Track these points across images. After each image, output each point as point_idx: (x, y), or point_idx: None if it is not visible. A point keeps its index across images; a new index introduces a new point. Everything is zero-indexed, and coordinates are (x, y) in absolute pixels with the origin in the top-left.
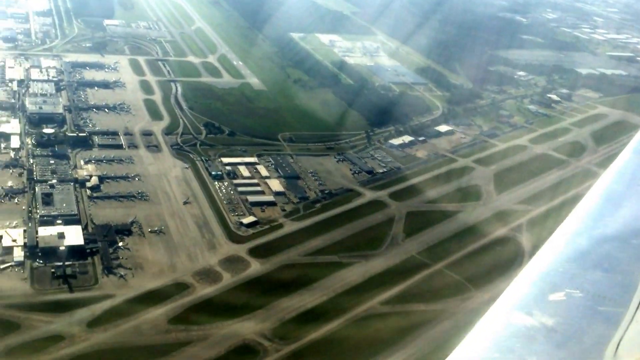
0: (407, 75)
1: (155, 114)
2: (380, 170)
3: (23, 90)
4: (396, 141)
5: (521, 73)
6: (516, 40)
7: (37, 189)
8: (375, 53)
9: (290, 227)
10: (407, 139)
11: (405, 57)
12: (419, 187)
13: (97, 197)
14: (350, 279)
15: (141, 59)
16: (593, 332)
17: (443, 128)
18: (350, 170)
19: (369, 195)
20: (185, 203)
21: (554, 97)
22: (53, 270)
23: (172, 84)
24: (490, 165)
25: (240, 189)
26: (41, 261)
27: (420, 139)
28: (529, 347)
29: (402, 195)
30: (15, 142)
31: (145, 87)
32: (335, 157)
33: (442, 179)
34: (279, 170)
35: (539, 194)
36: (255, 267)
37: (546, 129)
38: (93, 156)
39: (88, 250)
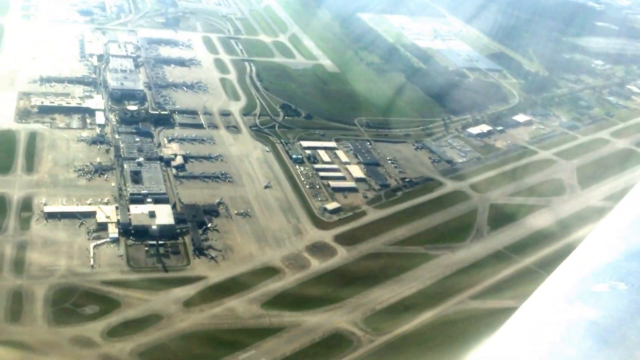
0: (480, 60)
1: (232, 94)
2: (460, 160)
3: (103, 66)
4: (474, 130)
5: (598, 62)
6: (589, 26)
7: (125, 167)
8: (446, 36)
9: (373, 215)
10: (485, 128)
11: (475, 40)
12: (500, 179)
13: (182, 177)
14: (438, 270)
15: (214, 37)
16: (638, 327)
17: (521, 118)
18: (430, 158)
19: (450, 185)
20: (266, 187)
21: (634, 88)
22: (147, 248)
23: (246, 64)
24: (572, 159)
25: (321, 173)
26: (134, 239)
27: (499, 128)
28: (568, 339)
29: (484, 186)
30: (100, 118)
31: (220, 66)
32: (413, 145)
33: (524, 171)
34: (359, 156)
35: (625, 192)
36: (342, 254)
37: (628, 122)
38: (175, 135)
39: (178, 230)
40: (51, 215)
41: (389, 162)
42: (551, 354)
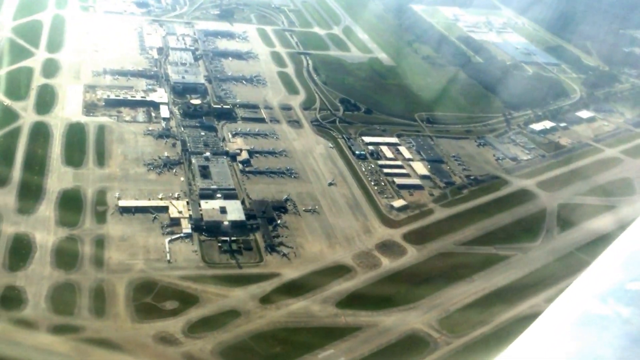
0: (538, 54)
1: (290, 88)
2: (525, 157)
3: (163, 59)
4: (537, 126)
5: None
6: None
7: (193, 161)
8: (502, 29)
9: (440, 213)
10: (548, 124)
11: (531, 33)
12: (567, 178)
13: (248, 172)
14: (510, 272)
15: (268, 29)
16: None
17: (584, 114)
18: (493, 155)
19: (516, 183)
20: (330, 184)
21: None
22: (219, 244)
23: (303, 57)
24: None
25: (385, 170)
26: (206, 234)
27: (562, 125)
28: (601, 337)
29: (551, 185)
30: (164, 111)
31: (277, 59)
32: (475, 141)
33: (591, 169)
34: (422, 153)
35: None
36: (412, 253)
37: None
38: (239, 129)
39: (249, 227)
40: (125, 210)
41: (453, 159)
42: (584, 354)
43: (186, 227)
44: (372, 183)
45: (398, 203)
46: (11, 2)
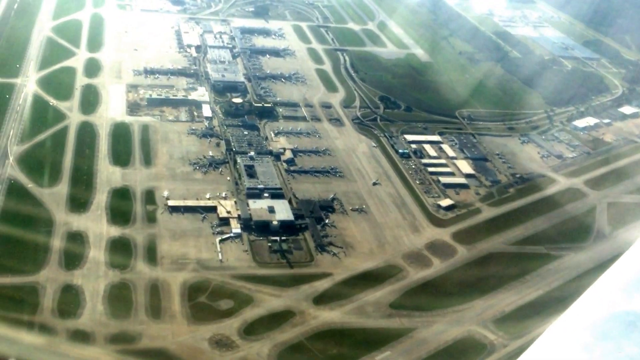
0: (577, 48)
1: (329, 85)
2: (570, 155)
3: (201, 57)
4: (580, 123)
5: None
6: None
7: (239, 161)
8: (538, 23)
9: (488, 212)
10: (591, 121)
11: (568, 27)
12: (615, 176)
13: (293, 171)
14: (564, 272)
15: (304, 25)
16: None
17: (627, 110)
18: (538, 153)
19: (563, 182)
20: (374, 184)
21: None
22: (269, 244)
23: (339, 53)
24: None
25: (430, 169)
26: (256, 234)
27: (605, 121)
28: (627, 334)
29: (600, 183)
30: (207, 110)
31: (314, 56)
32: (519, 138)
33: (638, 167)
34: (465, 151)
35: None
36: (462, 253)
37: None
38: (281, 128)
39: (297, 226)
40: (175, 209)
41: (497, 157)
42: (610, 352)
43: (235, 226)
44: (418, 182)
45: (445, 202)
46: (50, 1)
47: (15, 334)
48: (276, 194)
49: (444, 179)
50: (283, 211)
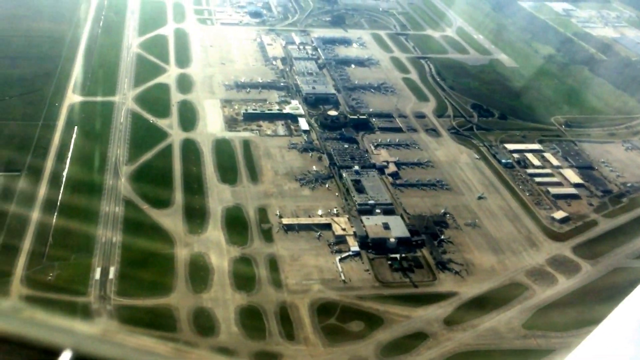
0: None
1: (419, 94)
2: None
3: (287, 69)
4: None
5: None
6: None
7: (345, 175)
8: (617, 23)
9: (605, 224)
10: None
11: None
12: None
13: (399, 185)
14: None
15: (382, 34)
16: None
17: None
18: None
19: None
20: (479, 198)
21: None
22: (389, 262)
23: (423, 62)
24: None
25: (537, 179)
26: (373, 252)
27: None
28: None
29: None
30: (303, 124)
31: (398, 65)
32: (622, 145)
33: None
34: (569, 159)
35: None
36: (587, 269)
37: None
38: (379, 140)
39: (414, 243)
40: (289, 227)
41: (603, 164)
42: None
43: (353, 244)
44: (527, 193)
45: (559, 214)
46: (133, 18)
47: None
48: (387, 210)
49: (553, 190)
50: (398, 228)
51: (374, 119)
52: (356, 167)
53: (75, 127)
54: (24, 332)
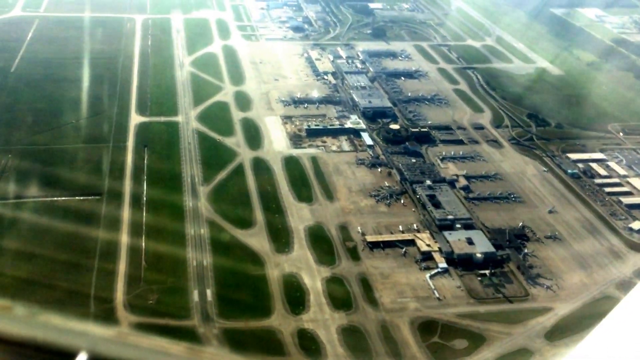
0: None
1: (473, 105)
2: None
3: (340, 83)
4: None
5: None
6: None
7: (419, 191)
8: None
9: None
10: None
11: None
12: None
13: (474, 199)
14: None
15: (425, 45)
16: None
17: None
18: None
19: None
20: (550, 212)
21: None
22: (479, 278)
23: (470, 72)
24: None
25: (607, 189)
26: (460, 268)
27: None
28: None
29: None
30: (367, 139)
31: (447, 76)
32: None
33: None
34: (634, 168)
35: None
36: None
37: None
38: (443, 153)
39: (499, 257)
40: (374, 245)
41: None
42: None
43: (440, 261)
44: (599, 204)
45: (636, 225)
46: (179, 37)
47: None
48: (467, 225)
49: (626, 200)
50: (482, 242)
51: (433, 132)
52: (428, 182)
53: (145, 148)
54: (40, 335)
